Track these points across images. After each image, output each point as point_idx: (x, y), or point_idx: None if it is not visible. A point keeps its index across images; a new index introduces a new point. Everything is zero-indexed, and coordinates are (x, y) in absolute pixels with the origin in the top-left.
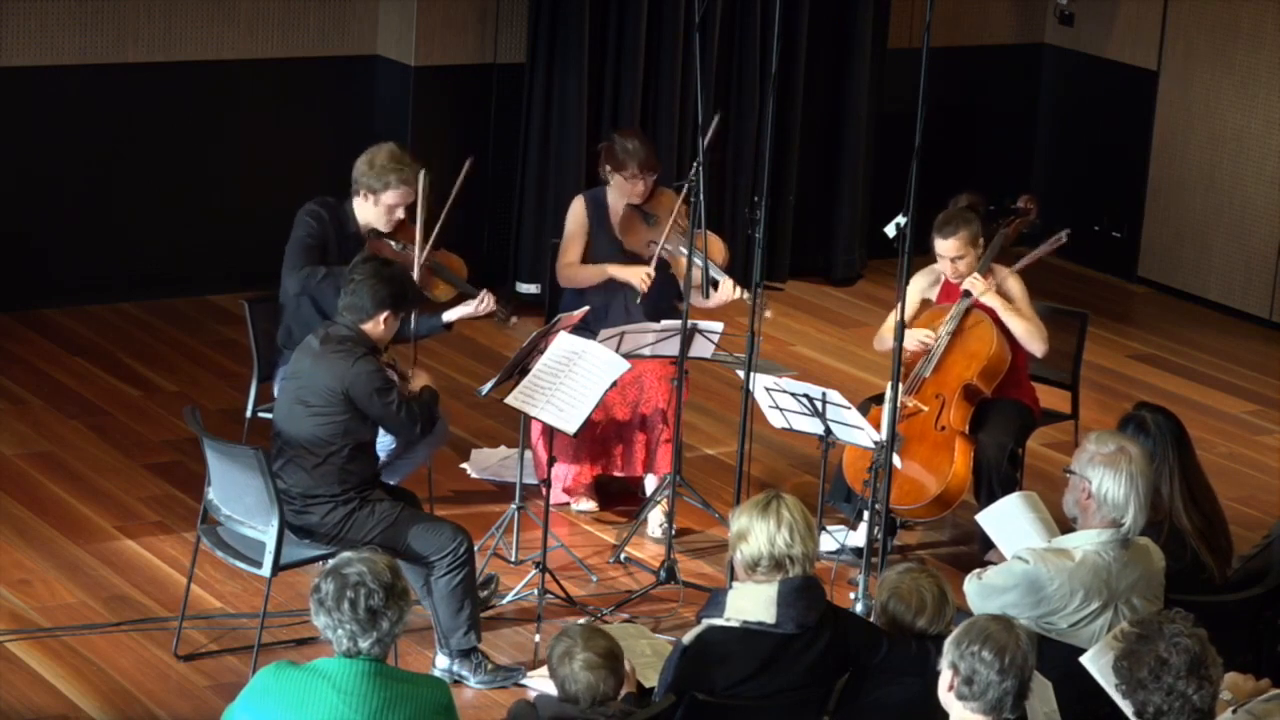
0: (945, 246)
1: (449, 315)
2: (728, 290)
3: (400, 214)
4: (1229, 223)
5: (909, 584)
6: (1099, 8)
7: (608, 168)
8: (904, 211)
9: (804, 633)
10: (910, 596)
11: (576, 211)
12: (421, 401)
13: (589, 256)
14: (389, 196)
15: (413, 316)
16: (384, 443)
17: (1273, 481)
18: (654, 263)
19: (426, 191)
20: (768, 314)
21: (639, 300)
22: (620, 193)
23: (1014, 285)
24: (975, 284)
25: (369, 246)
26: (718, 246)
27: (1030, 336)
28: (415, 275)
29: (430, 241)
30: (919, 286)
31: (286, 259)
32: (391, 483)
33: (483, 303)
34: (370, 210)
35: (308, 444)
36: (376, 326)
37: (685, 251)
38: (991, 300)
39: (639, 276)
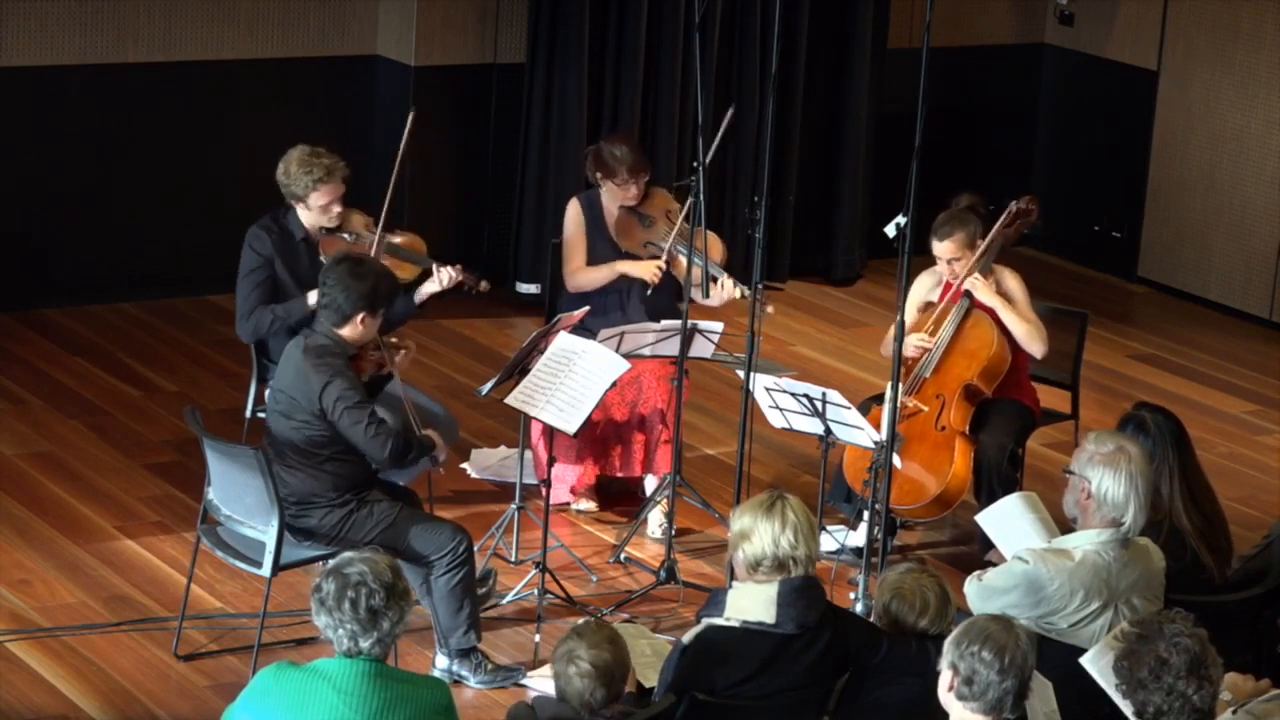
0: (941, 248)
1: (420, 294)
2: (728, 287)
3: (338, 208)
4: (1229, 223)
5: (911, 584)
6: (1099, 8)
7: (598, 174)
8: (904, 211)
9: (804, 633)
10: (913, 597)
11: (573, 215)
12: (414, 439)
13: (587, 260)
14: (316, 199)
15: None
16: None
17: (1273, 481)
18: (664, 257)
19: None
20: (769, 309)
21: (649, 292)
22: (613, 197)
23: (1014, 286)
24: (976, 285)
25: (322, 245)
26: (716, 245)
27: (1030, 337)
28: None
29: (382, 224)
30: (923, 288)
31: (238, 292)
32: (401, 483)
33: (447, 276)
34: (307, 215)
35: (299, 450)
36: (355, 329)
37: (683, 251)
38: (992, 301)
39: (650, 271)
